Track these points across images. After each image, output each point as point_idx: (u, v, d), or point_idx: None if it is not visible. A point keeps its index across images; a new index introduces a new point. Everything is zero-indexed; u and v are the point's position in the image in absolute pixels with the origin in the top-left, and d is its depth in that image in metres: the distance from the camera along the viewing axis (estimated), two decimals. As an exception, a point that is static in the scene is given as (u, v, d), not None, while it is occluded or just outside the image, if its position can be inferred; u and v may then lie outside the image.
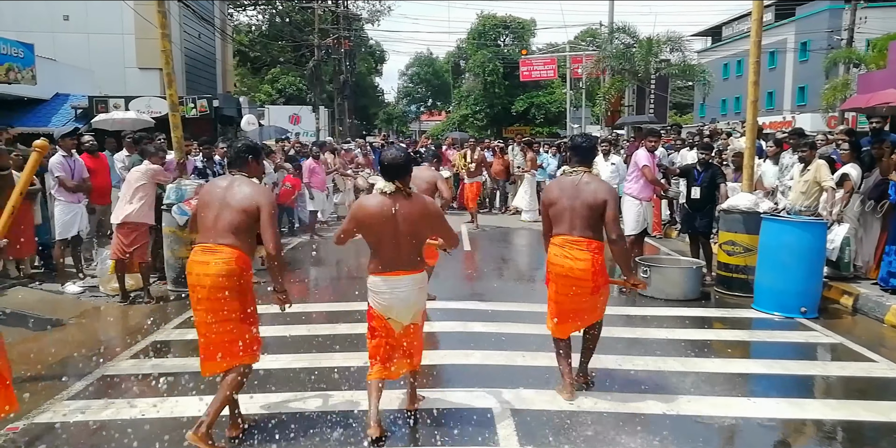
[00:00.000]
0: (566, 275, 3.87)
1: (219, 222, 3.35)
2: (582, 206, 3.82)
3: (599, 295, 3.94)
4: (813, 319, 5.82)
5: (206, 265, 3.30)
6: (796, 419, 3.80)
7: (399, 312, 3.42)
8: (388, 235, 3.34)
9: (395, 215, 3.31)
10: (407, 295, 3.39)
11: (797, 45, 32.42)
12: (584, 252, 3.82)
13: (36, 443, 3.45)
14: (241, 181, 3.45)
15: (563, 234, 3.90)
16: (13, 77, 9.99)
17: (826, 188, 6.48)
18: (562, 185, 3.96)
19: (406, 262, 3.38)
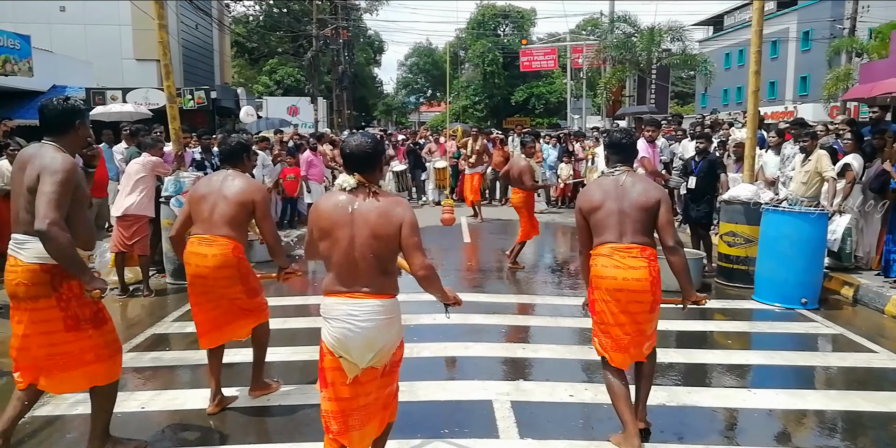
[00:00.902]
0: (620, 289, 3.22)
1: (214, 215, 3.54)
2: (631, 208, 3.24)
3: (654, 315, 3.32)
4: (813, 310, 5.81)
5: (205, 257, 3.50)
6: (796, 410, 3.80)
7: (355, 350, 2.57)
8: (342, 242, 2.58)
9: (352, 217, 2.58)
10: (367, 326, 2.55)
11: (799, 35, 32.24)
12: (638, 260, 3.22)
13: (37, 435, 3.45)
14: (234, 176, 3.66)
15: (611, 242, 3.27)
16: (10, 69, 9.95)
17: (827, 178, 6.45)
18: (604, 187, 3.35)
19: (368, 281, 2.59)
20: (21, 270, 2.86)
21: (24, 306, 2.89)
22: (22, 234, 2.87)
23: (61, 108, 2.94)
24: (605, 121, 24.72)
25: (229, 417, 3.65)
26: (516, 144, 13.72)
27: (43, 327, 2.90)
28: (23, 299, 2.89)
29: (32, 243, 2.83)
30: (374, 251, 2.57)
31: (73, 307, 2.92)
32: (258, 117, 17.63)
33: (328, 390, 2.62)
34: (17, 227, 2.91)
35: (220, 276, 3.52)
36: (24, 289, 2.87)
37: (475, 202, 11.60)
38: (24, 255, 2.85)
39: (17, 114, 12.51)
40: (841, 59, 21.69)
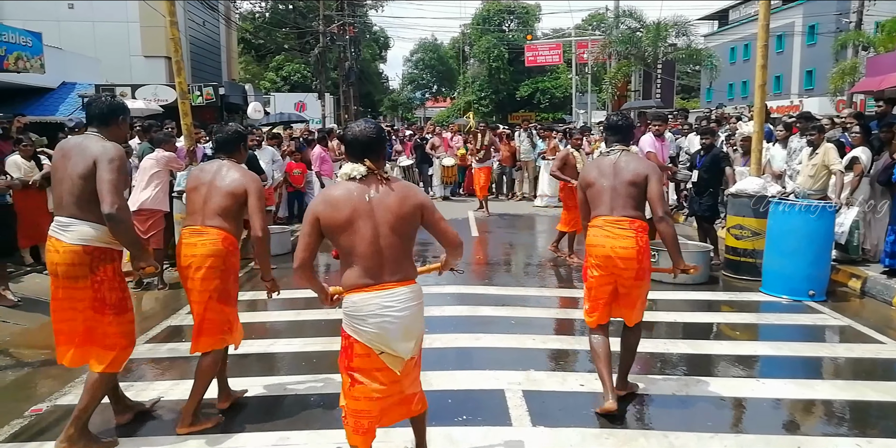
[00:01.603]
0: (608, 256, 3.51)
1: (207, 205, 3.39)
2: (622, 184, 3.53)
3: (644, 281, 3.56)
4: (821, 302, 5.85)
5: (194, 246, 3.33)
6: (804, 399, 3.84)
7: (396, 343, 2.55)
8: (365, 233, 2.51)
9: (371, 206, 2.52)
10: (403, 315, 2.53)
11: (805, 29, 32.10)
12: (627, 231, 3.50)
13: (60, 424, 3.53)
14: (229, 166, 3.47)
15: (603, 215, 3.58)
16: (22, 66, 10.03)
17: (834, 171, 6.48)
18: (600, 166, 3.66)
19: (394, 270, 2.56)
20: (63, 251, 3.03)
21: (62, 284, 3.07)
22: (66, 217, 3.04)
23: (108, 104, 3.19)
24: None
25: (244, 407, 3.72)
26: (522, 139, 13.80)
27: (79, 305, 3.09)
28: (61, 277, 3.07)
29: (77, 226, 3.02)
30: (400, 238, 2.56)
31: (103, 290, 3.09)
32: (266, 113, 17.70)
33: (355, 389, 2.59)
34: (61, 211, 3.08)
35: (203, 266, 3.30)
36: (65, 268, 3.04)
37: (483, 197, 11.64)
38: (68, 237, 3.02)
39: (29, 110, 12.64)
40: (847, 52, 21.60)
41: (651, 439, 3.29)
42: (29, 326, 5.33)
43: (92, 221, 3.03)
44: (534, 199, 13.17)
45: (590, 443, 3.26)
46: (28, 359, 4.66)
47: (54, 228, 3.09)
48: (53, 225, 3.11)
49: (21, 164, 6.36)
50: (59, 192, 3.07)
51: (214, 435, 3.35)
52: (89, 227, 3.03)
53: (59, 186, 3.07)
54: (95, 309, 3.09)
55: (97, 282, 3.07)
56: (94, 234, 3.04)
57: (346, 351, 2.61)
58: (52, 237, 3.10)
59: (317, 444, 3.25)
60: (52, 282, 3.16)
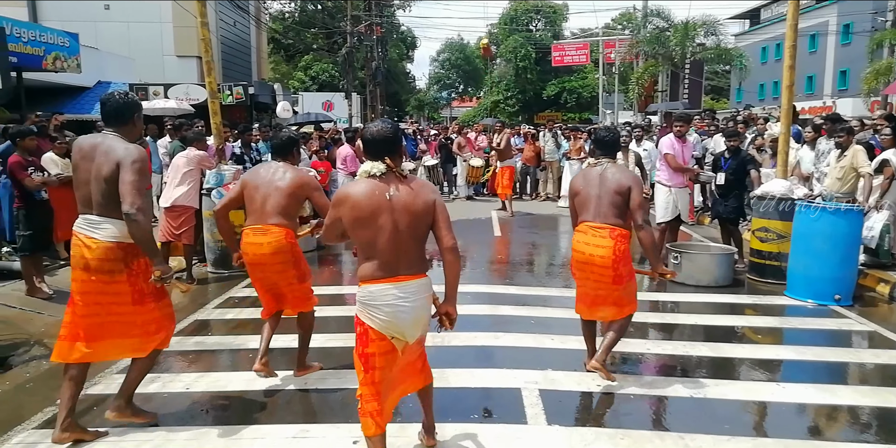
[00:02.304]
0: (586, 261, 3.88)
1: (267, 205, 3.75)
2: (606, 193, 3.84)
3: (622, 286, 3.84)
4: (847, 307, 5.77)
5: (260, 246, 3.76)
6: (826, 404, 3.81)
7: (407, 329, 2.75)
8: (385, 229, 2.66)
9: (391, 203, 2.65)
10: (414, 305, 2.72)
11: (839, 28, 31.41)
12: (605, 239, 3.80)
13: (90, 411, 3.66)
14: (285, 168, 3.87)
15: (587, 221, 3.91)
16: (60, 65, 10.33)
17: (863, 174, 6.38)
18: (587, 176, 4.00)
19: (409, 264, 2.73)
20: (96, 248, 3.15)
21: (98, 279, 3.16)
22: (96, 215, 3.17)
23: (122, 102, 3.24)
24: (636, 116, 24.49)
25: (268, 399, 3.82)
26: (547, 139, 13.78)
27: (112, 298, 3.19)
28: (95, 272, 3.16)
29: (108, 224, 3.16)
30: (415, 234, 2.71)
31: (139, 282, 3.23)
32: (294, 112, 17.92)
33: (373, 374, 2.74)
34: (88, 210, 3.20)
35: (276, 262, 3.78)
36: (99, 264, 3.15)
37: (506, 197, 11.64)
38: (101, 235, 3.16)
39: (66, 108, 13.00)
40: (883, 52, 21.10)
41: (666, 440, 3.30)
42: (62, 318, 5.50)
43: (121, 220, 3.13)
44: (558, 199, 13.14)
45: (604, 442, 3.28)
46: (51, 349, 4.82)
47: (82, 226, 3.20)
48: (80, 222, 3.21)
49: (57, 160, 6.56)
50: (86, 191, 3.19)
51: (237, 426, 3.45)
52: (120, 224, 3.14)
53: (85, 186, 3.18)
54: (135, 301, 3.22)
55: (133, 275, 3.21)
56: (126, 230, 3.15)
57: (362, 337, 2.76)
58: (81, 234, 3.19)
59: (335, 437, 3.32)
60: (80, 277, 3.20)
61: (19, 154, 5.77)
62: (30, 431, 3.40)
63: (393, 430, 3.32)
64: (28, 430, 3.41)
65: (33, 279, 5.78)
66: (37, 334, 5.05)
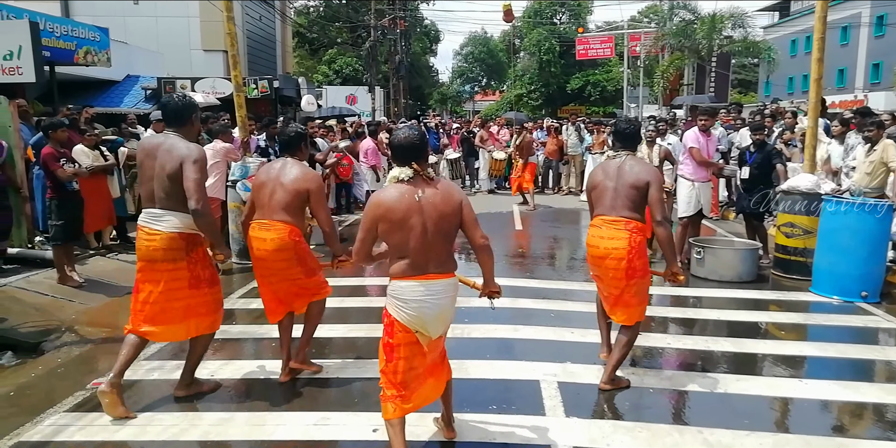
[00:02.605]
0: (601, 256, 3.78)
1: (272, 201, 3.77)
2: (624, 186, 3.74)
3: (634, 280, 3.73)
4: (874, 304, 5.67)
5: (264, 241, 3.74)
6: (849, 401, 3.76)
7: (430, 325, 2.86)
8: (416, 230, 2.77)
9: (420, 205, 2.78)
10: (441, 303, 2.85)
11: (872, 19, 30.63)
12: (621, 231, 3.71)
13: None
14: (292, 164, 3.85)
15: (603, 214, 3.83)
16: (91, 59, 10.53)
17: (893, 169, 6.25)
18: (606, 169, 3.90)
19: (438, 263, 2.85)
20: (160, 238, 3.45)
21: (162, 267, 3.48)
22: (160, 209, 3.46)
23: (181, 104, 3.53)
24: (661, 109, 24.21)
25: (290, 387, 3.89)
26: (570, 133, 13.70)
27: (174, 285, 3.51)
28: (160, 261, 3.47)
29: (170, 216, 3.45)
30: (444, 234, 2.84)
31: (197, 269, 3.56)
32: (318, 106, 18.04)
33: (396, 363, 2.88)
34: (151, 204, 3.50)
35: (279, 259, 3.74)
36: (163, 253, 3.46)
37: (527, 190, 11.63)
38: (164, 226, 3.45)
39: (96, 102, 13.26)
40: (919, 45, 20.55)
41: (685, 435, 3.30)
42: (93, 306, 5.66)
43: (181, 212, 3.43)
44: (580, 193, 13.08)
45: (622, 435, 3.29)
46: (91, 336, 4.96)
47: (146, 219, 3.49)
48: (144, 216, 3.50)
49: (88, 152, 6.71)
50: (150, 187, 3.47)
51: (260, 413, 3.53)
52: (181, 216, 3.44)
53: (149, 182, 3.47)
54: (192, 286, 3.54)
55: (192, 262, 3.53)
56: (186, 222, 3.45)
57: (388, 328, 2.91)
58: (146, 227, 3.49)
59: (355, 425, 3.38)
60: (144, 267, 3.51)
61: (52, 146, 5.91)
62: (61, 414, 3.52)
63: (413, 419, 3.37)
64: (59, 413, 3.53)
65: (64, 268, 5.93)
66: (68, 321, 5.20)
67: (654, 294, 6.02)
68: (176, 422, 3.41)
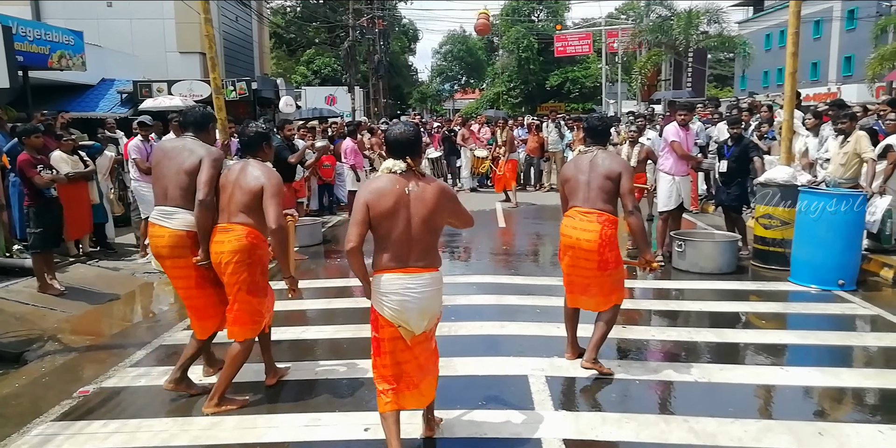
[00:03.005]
0: (573, 246, 3.91)
1: (231, 203, 3.54)
2: (596, 179, 3.88)
3: (608, 271, 3.84)
4: (851, 292, 5.80)
5: (221, 244, 3.50)
6: (828, 387, 3.85)
7: (412, 319, 2.89)
8: (401, 222, 2.82)
9: (409, 198, 2.83)
10: (422, 297, 2.87)
11: (843, 14, 31.13)
12: (593, 224, 3.83)
13: (107, 404, 3.75)
14: (253, 165, 3.58)
15: (577, 206, 3.96)
16: (65, 64, 10.35)
17: (866, 159, 6.38)
18: (577, 163, 4.03)
19: (420, 257, 2.88)
20: (168, 236, 3.57)
21: (168, 264, 3.64)
22: (172, 207, 3.59)
23: (203, 114, 3.81)
24: (640, 105, 24.42)
25: (279, 390, 3.89)
26: (551, 130, 13.78)
27: (181, 283, 3.66)
28: (166, 258, 3.62)
29: (182, 214, 3.57)
30: (429, 228, 2.88)
31: (203, 269, 3.58)
32: (297, 107, 17.94)
33: (384, 357, 2.94)
34: (165, 202, 3.62)
35: (231, 261, 3.46)
36: (169, 250, 3.59)
37: (510, 188, 11.69)
38: (173, 224, 3.57)
39: (71, 106, 13.04)
40: (888, 37, 20.95)
41: (671, 424, 3.36)
42: (75, 314, 5.60)
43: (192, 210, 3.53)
44: (562, 190, 13.17)
45: (610, 426, 3.34)
46: (74, 344, 4.92)
47: (157, 217, 3.63)
48: (156, 213, 3.65)
49: (66, 158, 6.63)
50: (164, 185, 3.62)
51: (250, 416, 3.52)
52: (192, 215, 3.54)
53: (164, 180, 3.62)
54: (199, 285, 3.62)
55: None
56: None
57: (374, 323, 2.98)
58: (157, 224, 3.62)
59: (346, 425, 3.39)
60: (164, 266, 3.71)
61: (28, 152, 5.83)
62: (48, 423, 3.49)
63: (404, 417, 3.38)
64: (47, 422, 3.49)
65: (45, 276, 5.86)
66: (50, 330, 5.14)
67: (636, 287, 6.11)
68: (165, 427, 3.40)
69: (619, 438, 3.23)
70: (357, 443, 3.23)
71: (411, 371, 2.96)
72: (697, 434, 3.24)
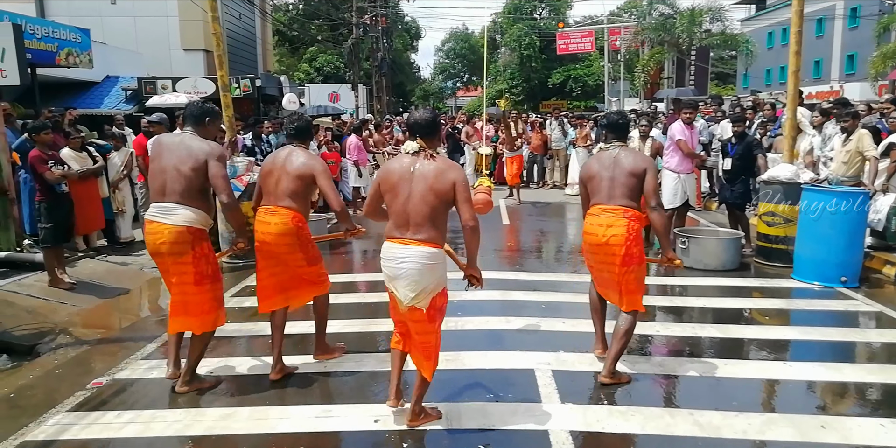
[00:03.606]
0: (598, 243, 3.81)
1: (278, 188, 3.87)
2: (620, 175, 3.81)
3: (630, 267, 3.76)
4: (853, 289, 5.84)
5: (268, 225, 3.85)
6: (831, 381, 3.90)
7: (398, 287, 3.14)
8: (401, 195, 3.12)
9: (412, 174, 3.11)
10: (410, 268, 3.07)
11: (846, 12, 31.12)
12: (619, 219, 3.76)
13: (120, 395, 3.81)
14: (299, 152, 3.94)
15: (600, 203, 3.88)
16: (72, 61, 10.43)
17: (868, 158, 6.43)
18: (600, 160, 3.97)
19: (416, 231, 3.09)
20: (168, 232, 3.55)
21: (168, 261, 3.62)
22: (172, 203, 3.56)
23: (200, 109, 3.79)
24: (643, 103, 24.43)
25: (290, 382, 3.93)
26: (554, 128, 13.82)
27: (180, 279, 3.65)
28: (166, 255, 3.60)
29: (181, 211, 3.55)
30: (427, 205, 3.09)
31: (201, 264, 3.65)
32: (301, 104, 17.98)
33: (392, 312, 3.35)
34: (162, 198, 3.59)
35: (281, 243, 3.83)
36: (169, 246, 3.57)
37: (514, 185, 11.75)
38: (173, 220, 3.55)
39: (77, 103, 13.11)
40: (890, 35, 20.95)
41: (676, 417, 3.41)
42: (85, 308, 5.67)
43: (193, 207, 3.57)
44: (565, 187, 13.22)
45: (616, 419, 3.39)
46: (85, 337, 4.98)
47: (155, 213, 3.60)
48: (153, 210, 3.61)
49: (75, 155, 6.69)
50: (162, 180, 3.58)
51: (263, 407, 3.58)
52: (192, 211, 3.56)
53: (162, 176, 3.58)
54: (196, 282, 3.64)
55: (197, 257, 3.62)
56: (195, 217, 3.58)
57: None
58: (154, 221, 3.59)
59: (356, 416, 3.45)
60: (160, 263, 3.69)
61: (38, 148, 5.89)
62: (64, 413, 3.55)
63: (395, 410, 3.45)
64: (62, 413, 3.55)
65: (55, 270, 5.92)
66: (61, 323, 5.20)
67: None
68: (179, 418, 3.46)
69: (626, 430, 3.28)
70: (367, 433, 3.29)
71: (406, 333, 3.30)
72: (702, 426, 3.30)
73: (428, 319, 3.17)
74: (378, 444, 3.20)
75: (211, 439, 3.26)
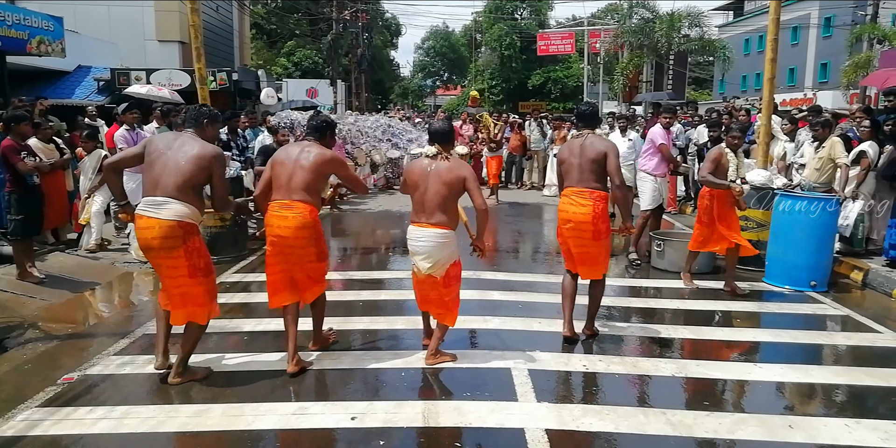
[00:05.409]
0: (569, 220, 4.44)
1: (292, 181, 3.92)
2: (586, 161, 4.40)
3: (600, 241, 4.41)
4: (822, 293, 5.98)
5: (285, 219, 3.88)
6: (799, 383, 3.99)
7: (418, 259, 4.00)
8: (420, 190, 3.94)
9: (428, 174, 3.93)
10: (425, 245, 3.93)
11: (820, 21, 31.80)
12: (586, 199, 4.39)
13: (92, 391, 3.74)
14: (312, 146, 4.02)
15: (571, 186, 4.49)
16: (44, 50, 10.19)
17: (840, 165, 6.58)
18: (571, 147, 4.54)
19: (430, 216, 3.94)
20: (159, 227, 3.57)
21: (162, 255, 3.63)
22: (163, 197, 3.58)
23: (200, 111, 3.92)
24: (621, 106, 24.68)
25: (266, 379, 3.90)
26: (533, 129, 13.89)
27: (173, 273, 3.67)
28: (157, 249, 3.62)
29: (172, 205, 3.58)
30: (439, 196, 3.92)
31: (193, 258, 3.67)
32: (278, 99, 17.82)
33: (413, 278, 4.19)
34: (155, 192, 3.61)
35: (300, 236, 3.88)
36: (160, 241, 3.59)
37: (494, 185, 11.79)
38: (163, 214, 3.57)
39: (47, 92, 12.81)
40: (862, 45, 21.46)
41: (650, 416, 3.47)
42: (55, 302, 5.56)
43: (185, 202, 3.60)
44: (542, 188, 13.31)
45: (591, 417, 3.43)
46: (56, 332, 4.88)
47: (145, 208, 3.61)
48: (144, 204, 3.62)
49: (43, 147, 6.53)
50: (157, 176, 3.61)
51: (237, 404, 3.54)
52: (184, 206, 3.59)
53: (158, 172, 3.62)
54: (190, 274, 3.66)
55: (189, 251, 3.64)
56: (187, 212, 3.60)
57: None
58: (145, 215, 3.60)
59: (333, 413, 3.44)
60: (151, 258, 3.70)
61: (12, 138, 5.75)
62: (33, 409, 3.48)
63: (390, 407, 3.49)
64: (31, 408, 3.48)
65: (24, 264, 5.79)
66: (30, 317, 5.10)
67: (616, 285, 6.23)
68: (153, 414, 3.41)
69: (600, 429, 3.32)
70: (344, 431, 3.28)
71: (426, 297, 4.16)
72: (674, 425, 3.35)
73: (444, 285, 4.01)
74: (355, 441, 3.20)
75: (186, 436, 3.23)
